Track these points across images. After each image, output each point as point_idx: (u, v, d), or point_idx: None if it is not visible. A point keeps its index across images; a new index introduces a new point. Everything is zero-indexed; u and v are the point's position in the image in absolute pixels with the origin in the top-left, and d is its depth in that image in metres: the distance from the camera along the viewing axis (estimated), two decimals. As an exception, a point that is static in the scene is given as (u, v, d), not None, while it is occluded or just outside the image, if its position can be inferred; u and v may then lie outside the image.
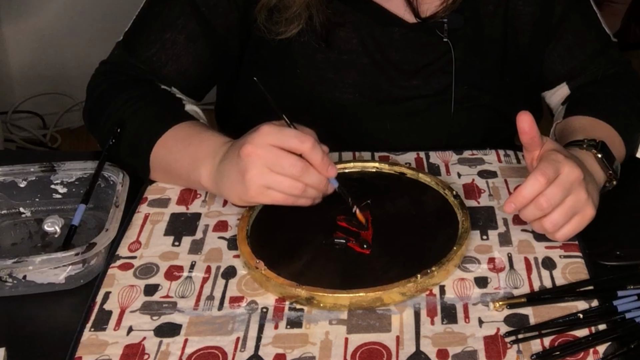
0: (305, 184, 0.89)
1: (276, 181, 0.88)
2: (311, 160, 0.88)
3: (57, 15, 2.70)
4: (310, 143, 0.88)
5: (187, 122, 1.03)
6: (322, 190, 0.91)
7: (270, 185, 0.88)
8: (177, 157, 0.99)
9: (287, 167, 0.87)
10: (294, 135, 0.88)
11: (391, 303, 0.83)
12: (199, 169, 0.96)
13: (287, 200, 0.90)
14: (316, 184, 0.90)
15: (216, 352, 0.78)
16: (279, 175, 0.88)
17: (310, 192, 0.91)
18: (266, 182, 0.88)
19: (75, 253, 0.86)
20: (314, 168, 0.89)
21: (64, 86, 2.77)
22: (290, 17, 1.06)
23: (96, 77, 1.13)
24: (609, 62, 1.17)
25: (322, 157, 0.89)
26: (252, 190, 0.89)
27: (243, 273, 0.89)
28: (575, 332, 0.80)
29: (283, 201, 0.90)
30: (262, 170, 0.88)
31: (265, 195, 0.89)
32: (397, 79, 1.12)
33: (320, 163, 0.89)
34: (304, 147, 0.88)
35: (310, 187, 0.90)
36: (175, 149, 1.00)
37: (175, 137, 1.00)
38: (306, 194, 0.90)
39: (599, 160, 0.99)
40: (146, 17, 1.12)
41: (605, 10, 3.00)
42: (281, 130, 0.88)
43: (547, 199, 0.87)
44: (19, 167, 1.02)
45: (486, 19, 1.12)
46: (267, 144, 0.87)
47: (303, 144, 0.88)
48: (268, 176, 0.88)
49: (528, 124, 0.89)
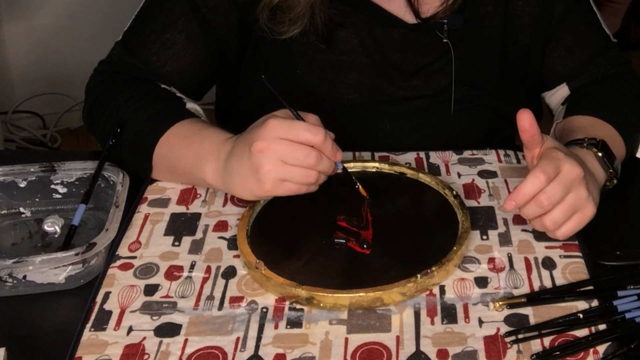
0: (319, 171, 0.90)
1: (291, 173, 0.89)
2: (323, 150, 0.90)
3: (57, 15, 2.70)
4: (322, 135, 0.89)
5: (188, 119, 1.03)
6: (331, 174, 0.93)
7: (285, 178, 0.89)
8: (180, 155, 0.99)
9: (303, 159, 0.88)
10: (305, 128, 0.88)
11: (391, 303, 0.83)
12: (204, 167, 0.97)
13: (300, 190, 0.91)
14: (327, 169, 0.91)
15: (216, 352, 0.78)
16: (294, 167, 0.89)
17: (321, 179, 0.92)
18: (282, 175, 0.89)
19: (75, 253, 0.85)
20: (325, 156, 0.90)
21: (64, 86, 2.77)
22: (294, 17, 1.06)
23: (95, 76, 1.13)
24: (609, 62, 1.17)
25: (332, 145, 0.90)
26: (268, 184, 0.89)
27: (243, 273, 0.89)
28: (575, 332, 0.80)
29: (297, 191, 0.91)
30: (277, 164, 0.88)
31: (281, 187, 0.90)
32: (397, 79, 1.12)
33: (331, 151, 0.90)
34: (317, 139, 0.88)
35: (322, 174, 0.91)
36: (178, 147, 1.00)
37: (177, 135, 1.01)
38: (318, 181, 0.92)
39: (600, 159, 0.99)
40: (146, 17, 1.12)
41: (605, 10, 3.00)
42: (291, 124, 0.89)
43: (547, 196, 0.87)
44: (19, 167, 1.02)
45: (486, 20, 1.12)
46: (277, 138, 0.88)
47: (316, 136, 0.88)
48: (283, 169, 0.89)
49: (528, 121, 0.89)
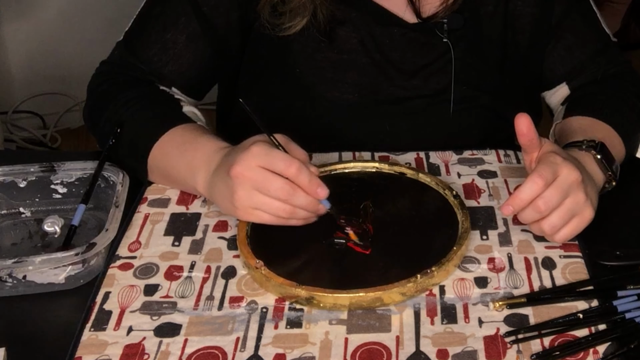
0: (293, 205, 0.88)
1: (264, 203, 0.87)
2: (298, 183, 0.87)
3: (57, 15, 2.70)
4: (295, 168, 0.86)
5: (183, 125, 1.02)
6: (313, 211, 0.90)
7: (257, 207, 0.88)
8: (173, 164, 0.99)
9: (274, 191, 0.86)
10: (281, 158, 0.86)
11: (391, 303, 0.83)
12: (195, 177, 0.96)
13: (276, 221, 0.89)
14: (305, 205, 0.88)
15: (216, 352, 0.78)
16: (267, 197, 0.87)
17: (301, 214, 0.89)
18: (254, 203, 0.88)
19: (75, 253, 0.86)
20: (303, 190, 0.88)
21: (64, 86, 2.77)
22: (294, 8, 1.05)
23: (96, 77, 1.14)
24: (608, 62, 1.17)
25: (309, 179, 0.87)
26: (240, 210, 0.89)
27: (243, 273, 0.89)
28: (575, 332, 0.80)
29: (271, 222, 0.89)
30: (250, 192, 0.87)
31: (253, 215, 0.89)
32: (397, 78, 1.12)
33: (308, 185, 0.87)
34: (290, 172, 0.86)
35: (300, 209, 0.89)
36: (172, 154, 0.99)
37: (171, 142, 1.00)
38: (296, 215, 0.89)
39: (598, 161, 0.98)
40: (147, 17, 1.12)
41: (605, 10, 3.00)
42: (269, 153, 0.87)
43: (545, 201, 0.87)
44: (19, 167, 1.02)
45: (486, 20, 1.12)
46: (255, 166, 0.86)
47: (289, 169, 0.86)
48: (256, 198, 0.87)
49: (526, 125, 0.89)
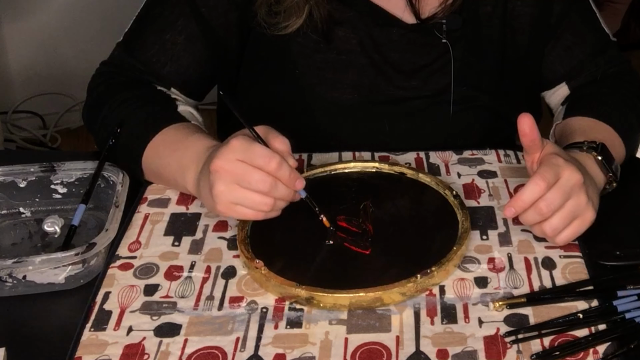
0: (274, 198, 0.87)
1: (245, 197, 0.86)
2: (279, 177, 0.87)
3: (57, 15, 2.70)
4: (275, 163, 0.85)
5: (176, 124, 1.02)
6: (290, 201, 0.90)
7: (238, 202, 0.87)
8: (165, 164, 0.99)
9: (254, 183, 0.86)
10: (261, 154, 0.86)
11: (391, 303, 0.83)
12: (185, 176, 0.96)
13: (256, 216, 0.88)
14: (285, 196, 0.88)
15: (216, 352, 0.78)
16: (248, 191, 0.86)
17: (279, 205, 0.89)
18: (234, 198, 0.87)
19: (75, 253, 0.86)
20: (282, 183, 0.87)
21: (64, 86, 2.77)
22: (288, 7, 1.05)
23: (96, 77, 1.14)
24: (608, 62, 1.17)
25: (289, 173, 0.87)
26: (220, 205, 0.88)
27: (243, 273, 0.89)
28: (575, 332, 0.80)
29: (253, 217, 0.88)
30: (230, 186, 0.86)
31: (234, 210, 0.88)
32: (396, 79, 1.12)
33: (288, 179, 0.87)
34: (270, 167, 0.85)
35: (279, 200, 0.88)
36: (164, 154, 0.99)
37: (164, 142, 1.00)
38: (276, 207, 0.89)
39: (599, 162, 0.98)
40: (146, 18, 1.12)
41: (605, 10, 3.00)
42: (250, 147, 0.86)
43: (547, 203, 0.87)
44: (19, 167, 1.02)
45: (485, 20, 1.12)
46: (234, 160, 0.85)
47: (269, 165, 0.85)
48: (236, 192, 0.86)
49: (529, 126, 0.89)
